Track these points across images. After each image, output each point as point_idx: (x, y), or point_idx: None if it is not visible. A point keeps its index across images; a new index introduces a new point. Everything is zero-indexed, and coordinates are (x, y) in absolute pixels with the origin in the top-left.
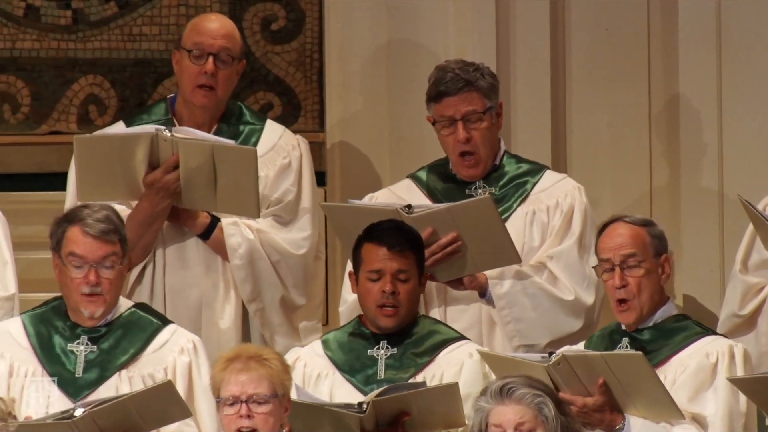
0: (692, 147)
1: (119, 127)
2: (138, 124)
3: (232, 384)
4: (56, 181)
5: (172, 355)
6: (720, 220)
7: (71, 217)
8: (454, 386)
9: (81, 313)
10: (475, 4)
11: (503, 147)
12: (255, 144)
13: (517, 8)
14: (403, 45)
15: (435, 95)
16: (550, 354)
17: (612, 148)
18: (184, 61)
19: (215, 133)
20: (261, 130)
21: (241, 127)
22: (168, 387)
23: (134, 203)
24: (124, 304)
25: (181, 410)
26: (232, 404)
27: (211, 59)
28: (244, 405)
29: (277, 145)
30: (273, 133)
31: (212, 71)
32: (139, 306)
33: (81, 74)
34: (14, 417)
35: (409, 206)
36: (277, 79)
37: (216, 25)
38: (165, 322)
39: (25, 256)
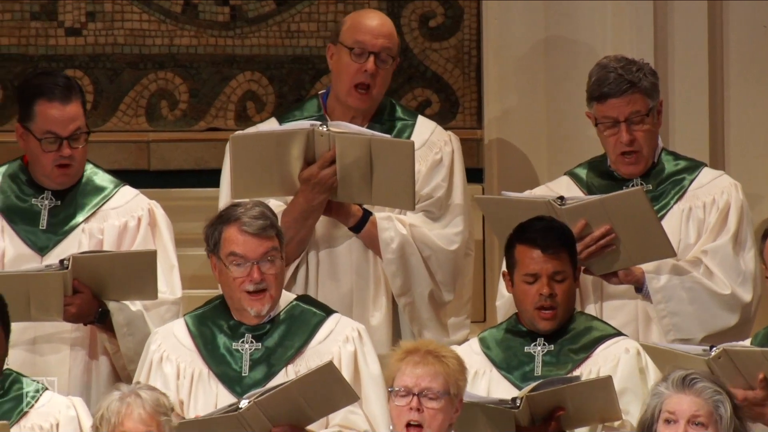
0: None
1: (272, 124)
2: (290, 120)
3: (406, 375)
4: (214, 178)
5: (336, 345)
6: None
7: (226, 218)
8: (608, 380)
9: (244, 311)
10: (634, 3)
11: (661, 144)
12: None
13: (675, 6)
14: (561, 42)
15: (598, 95)
16: (711, 348)
17: None
18: (343, 58)
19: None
20: (413, 126)
21: (394, 123)
22: (330, 369)
23: (288, 198)
24: (286, 298)
25: (347, 394)
26: (403, 396)
27: (372, 58)
28: (415, 398)
29: (429, 141)
30: (425, 128)
31: (373, 71)
32: (301, 298)
33: (239, 71)
34: (178, 415)
35: (561, 198)
36: (435, 76)
37: (377, 22)
38: (328, 312)
39: (182, 253)
